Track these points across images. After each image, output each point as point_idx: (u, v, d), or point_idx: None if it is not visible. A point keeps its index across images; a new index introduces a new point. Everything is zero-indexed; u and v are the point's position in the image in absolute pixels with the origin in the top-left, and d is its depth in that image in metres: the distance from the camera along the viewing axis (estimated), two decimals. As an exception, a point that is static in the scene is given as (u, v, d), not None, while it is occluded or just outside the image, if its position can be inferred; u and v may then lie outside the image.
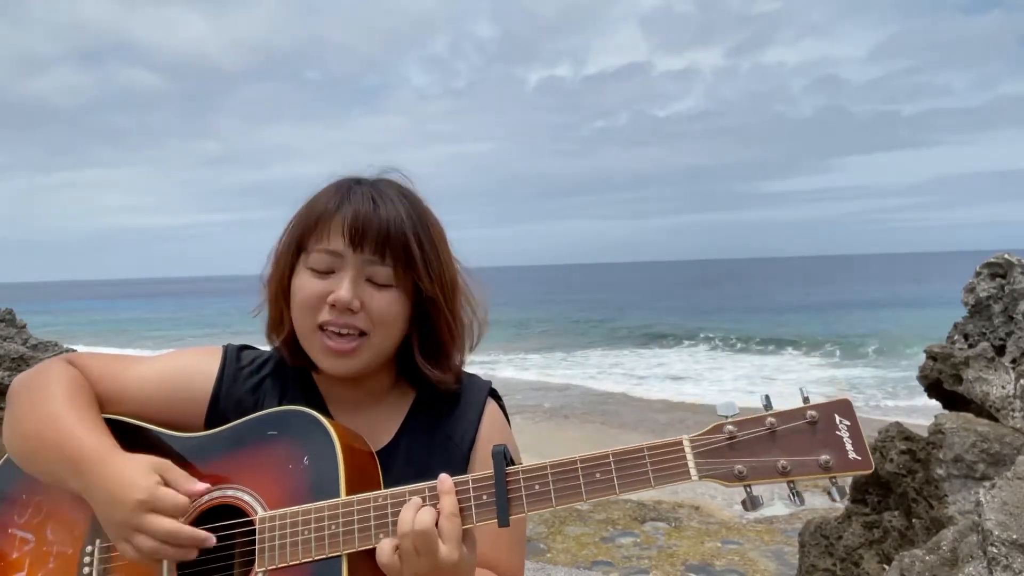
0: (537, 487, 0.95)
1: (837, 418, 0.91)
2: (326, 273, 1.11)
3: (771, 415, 0.93)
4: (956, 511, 2.76)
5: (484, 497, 0.97)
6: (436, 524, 0.94)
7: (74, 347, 5.09)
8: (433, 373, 1.17)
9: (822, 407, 0.92)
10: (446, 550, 0.93)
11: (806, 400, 0.93)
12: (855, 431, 0.91)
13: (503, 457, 0.97)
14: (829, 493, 0.89)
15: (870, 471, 0.89)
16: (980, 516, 2.07)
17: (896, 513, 3.22)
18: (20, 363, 4.53)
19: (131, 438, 1.13)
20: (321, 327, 1.11)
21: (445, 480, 0.98)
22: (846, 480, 0.91)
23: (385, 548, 0.96)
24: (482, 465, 1.14)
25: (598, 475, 0.94)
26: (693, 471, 0.92)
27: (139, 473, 1.01)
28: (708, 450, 0.92)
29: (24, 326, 4.94)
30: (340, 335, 1.10)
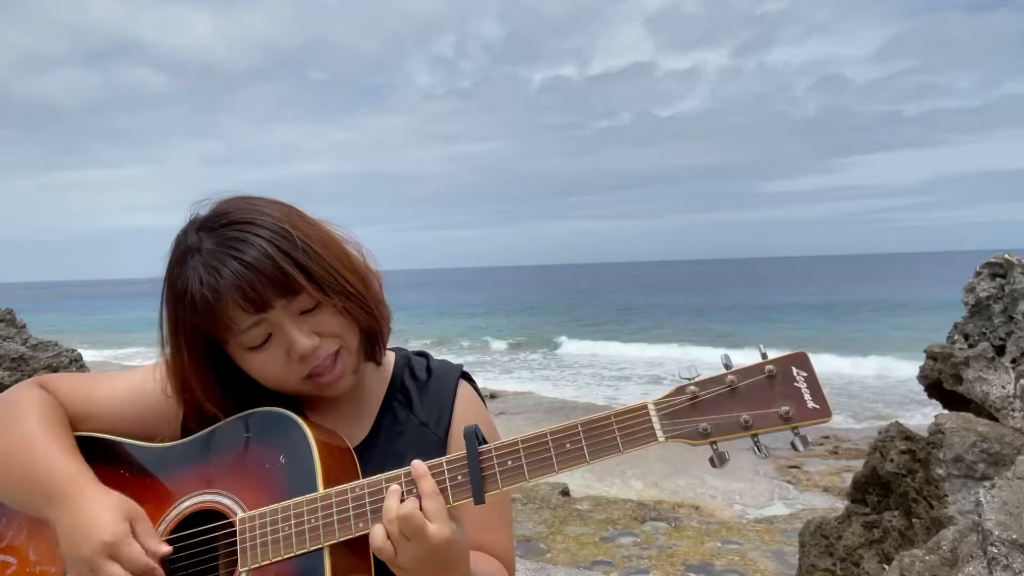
0: (510, 463, 0.97)
1: (794, 370, 0.93)
2: (265, 341, 1.07)
3: (731, 373, 0.95)
4: (956, 511, 2.76)
5: (459, 477, 0.98)
6: (420, 508, 0.95)
7: (74, 348, 5.09)
8: (377, 359, 1.20)
9: (779, 361, 0.94)
10: (435, 528, 0.95)
11: (764, 356, 0.96)
12: (812, 381, 0.93)
13: (475, 436, 0.99)
14: (792, 444, 0.92)
15: (829, 418, 0.91)
16: (980, 516, 2.07)
17: (896, 513, 3.22)
18: (20, 363, 4.53)
19: (106, 453, 1.14)
20: (306, 377, 1.10)
21: (419, 465, 0.99)
22: (808, 430, 0.92)
23: (378, 534, 0.96)
24: (458, 447, 1.15)
25: (568, 445, 0.96)
26: (660, 433, 0.94)
27: (111, 515, 1.00)
28: (672, 411, 0.95)
29: (24, 326, 4.94)
30: (326, 367, 1.10)
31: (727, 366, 0.96)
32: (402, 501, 0.97)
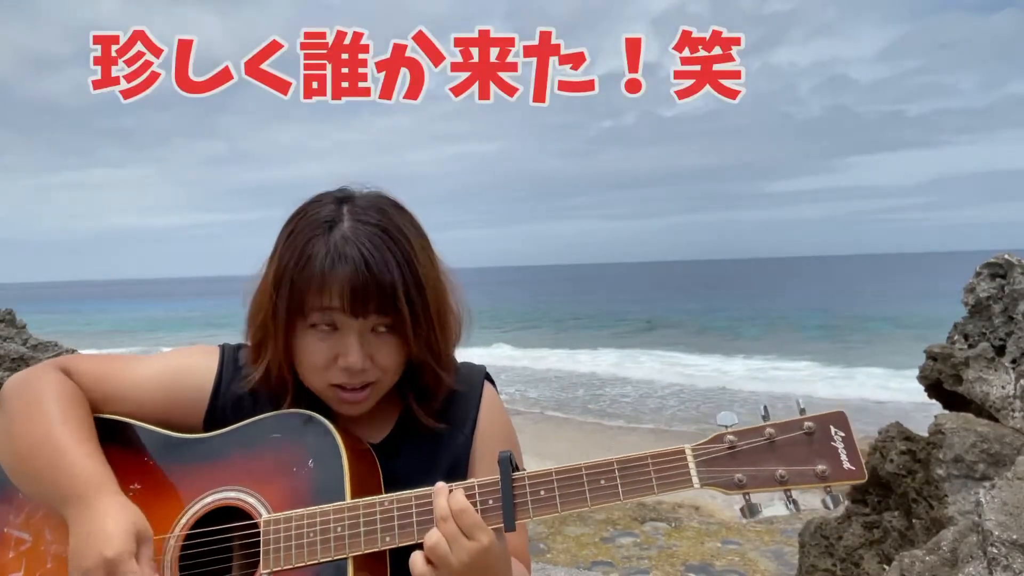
0: (543, 492, 0.97)
1: (832, 429, 0.95)
2: (329, 331, 1.09)
3: (770, 426, 0.96)
4: (956, 511, 2.75)
5: (490, 502, 0.98)
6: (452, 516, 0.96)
7: (74, 348, 5.10)
8: (420, 415, 1.19)
9: (818, 419, 0.96)
10: (475, 536, 0.96)
11: (802, 412, 0.97)
12: (849, 442, 0.94)
13: (509, 463, 0.99)
14: (824, 502, 0.94)
15: (863, 480, 0.94)
16: (980, 516, 2.07)
17: (896, 513, 3.22)
18: (20, 363, 4.53)
19: (131, 438, 1.13)
20: (333, 385, 1.12)
21: (444, 488, 1.00)
22: (841, 489, 0.94)
23: (417, 561, 0.96)
24: (483, 447, 1.18)
25: (602, 482, 0.97)
26: (695, 479, 0.95)
27: (120, 532, 0.99)
28: (709, 459, 0.96)
29: (24, 326, 4.94)
30: (353, 390, 1.12)
31: (765, 417, 0.97)
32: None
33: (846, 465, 0.93)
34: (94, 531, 0.99)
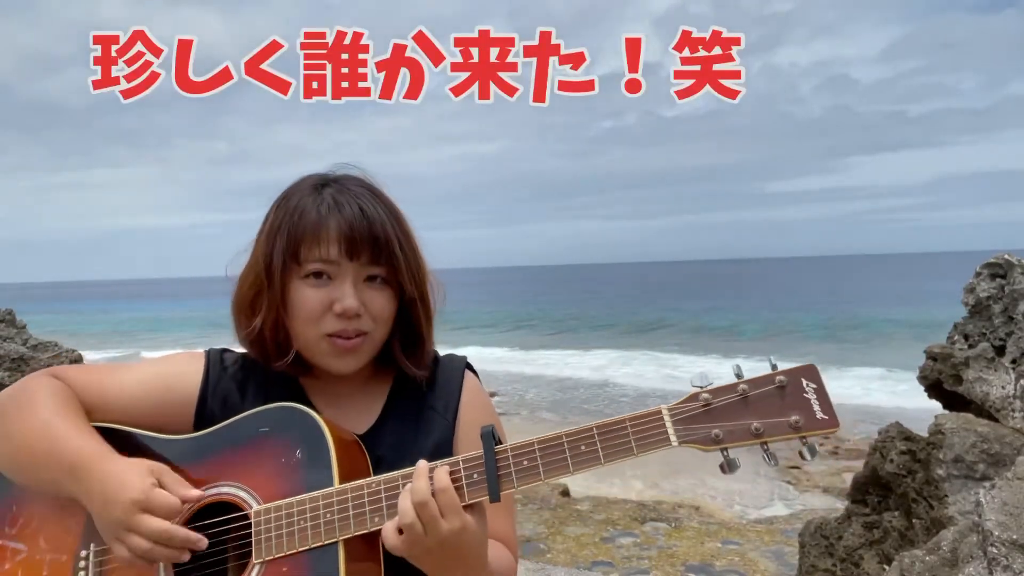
0: (525, 462, 1.00)
1: (804, 382, 0.97)
2: (322, 281, 1.13)
3: (743, 382, 0.99)
4: (956, 511, 2.76)
5: (475, 475, 1.00)
6: (433, 495, 0.97)
7: (75, 349, 5.10)
8: (410, 368, 1.22)
9: (790, 372, 0.98)
10: (450, 519, 0.97)
11: (774, 367, 1.00)
12: (821, 393, 0.97)
13: (491, 436, 1.01)
14: (801, 453, 0.95)
15: (837, 428, 0.95)
16: (980, 516, 2.07)
17: (896, 513, 3.22)
18: (20, 363, 4.54)
19: (122, 443, 1.14)
20: (327, 335, 1.13)
21: (427, 465, 1.01)
22: (815, 439, 0.96)
23: (389, 532, 0.98)
24: (466, 431, 1.20)
25: (583, 447, 0.99)
26: (673, 437, 0.97)
27: (135, 474, 1.02)
28: (686, 417, 0.98)
29: (24, 326, 4.94)
30: (347, 338, 1.14)
31: (738, 375, 1.00)
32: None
33: (819, 415, 0.95)
34: (110, 487, 1.01)
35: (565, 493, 7.88)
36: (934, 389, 3.45)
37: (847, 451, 10.04)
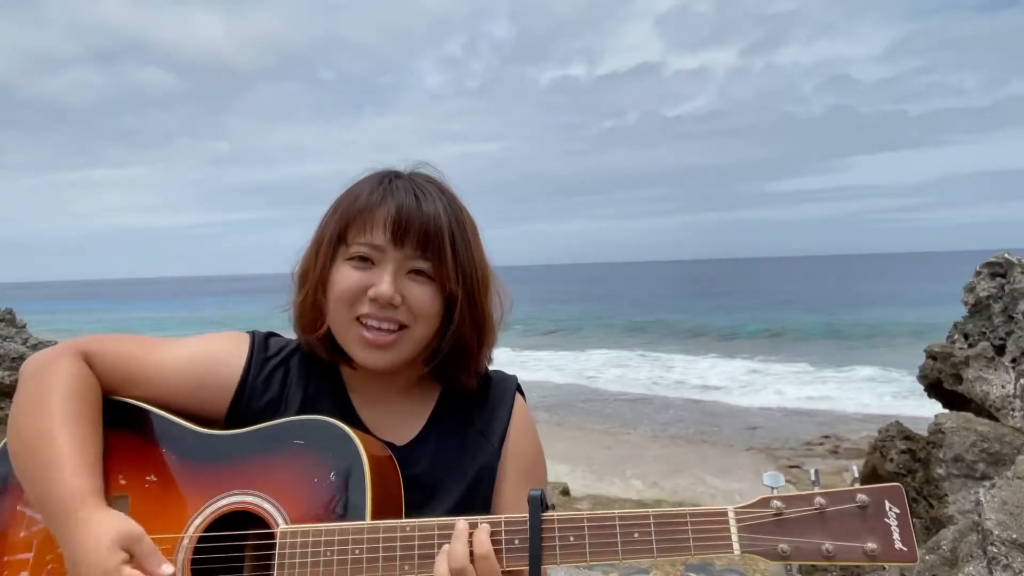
0: (572, 539, 0.93)
1: (887, 504, 0.90)
2: (365, 265, 1.11)
3: (820, 494, 0.92)
4: (956, 511, 2.76)
5: (517, 541, 0.95)
6: (472, 561, 0.93)
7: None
8: (452, 378, 1.18)
9: (873, 492, 0.91)
10: None
11: (855, 481, 0.93)
12: (903, 520, 0.90)
13: (539, 503, 0.95)
14: None
15: (915, 563, 0.89)
16: (980, 516, 2.07)
17: (896, 513, 3.22)
18: (20, 363, 4.54)
19: (150, 427, 1.12)
20: (359, 319, 1.10)
21: (467, 526, 0.96)
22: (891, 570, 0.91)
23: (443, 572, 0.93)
24: (512, 463, 1.16)
25: (636, 535, 0.93)
26: (735, 544, 0.90)
27: (104, 545, 0.97)
28: (753, 524, 0.91)
29: (24, 326, 4.94)
30: (379, 328, 1.10)
31: (815, 482, 0.96)
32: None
33: (898, 545, 0.88)
34: (82, 551, 0.97)
35: (565, 492, 7.87)
36: (934, 388, 3.45)
37: (847, 450, 10.04)
